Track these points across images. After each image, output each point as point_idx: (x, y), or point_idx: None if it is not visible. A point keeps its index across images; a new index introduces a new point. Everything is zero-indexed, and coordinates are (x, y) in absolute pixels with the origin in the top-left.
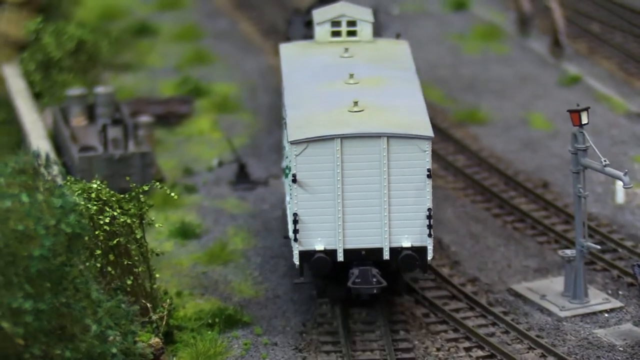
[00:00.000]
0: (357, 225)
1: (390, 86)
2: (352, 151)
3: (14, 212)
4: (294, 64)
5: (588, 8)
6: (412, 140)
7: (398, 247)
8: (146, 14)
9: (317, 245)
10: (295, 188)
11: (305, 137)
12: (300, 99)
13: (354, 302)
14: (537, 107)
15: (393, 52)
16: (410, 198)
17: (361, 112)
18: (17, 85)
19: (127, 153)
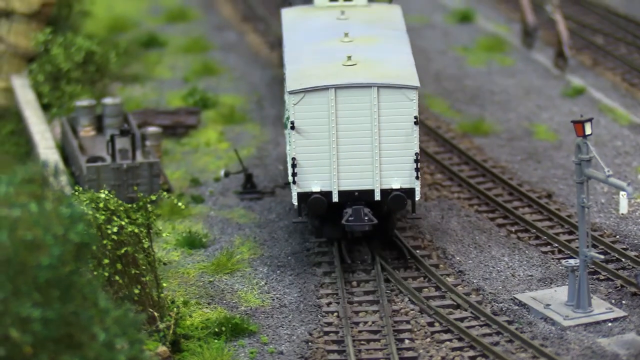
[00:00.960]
0: (350, 169)
1: (381, 44)
2: (345, 100)
3: (23, 221)
4: (294, 26)
5: (592, 20)
6: (400, 90)
7: (388, 188)
8: (154, 26)
9: (314, 187)
10: (294, 134)
11: (302, 87)
12: (298, 55)
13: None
14: (541, 118)
15: (386, 14)
16: (399, 143)
17: (354, 66)
18: (26, 96)
19: (135, 163)
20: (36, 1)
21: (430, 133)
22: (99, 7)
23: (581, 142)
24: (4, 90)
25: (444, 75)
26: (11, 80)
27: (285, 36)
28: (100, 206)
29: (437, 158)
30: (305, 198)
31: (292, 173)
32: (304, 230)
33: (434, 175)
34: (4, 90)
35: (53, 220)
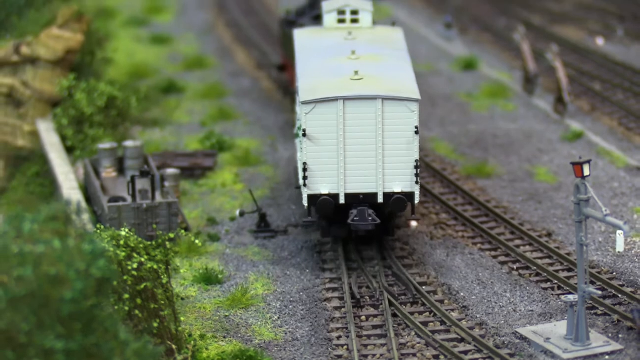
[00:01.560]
0: (356, 173)
1: (385, 61)
2: (352, 111)
3: (47, 257)
4: (306, 44)
5: (590, 67)
6: (403, 102)
7: (390, 192)
8: (173, 73)
9: (323, 189)
10: (305, 141)
11: (314, 98)
12: (310, 70)
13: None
14: (541, 161)
15: (389, 36)
16: (401, 151)
17: (361, 80)
18: (51, 139)
19: (154, 203)
20: (60, 49)
21: (436, 175)
22: (120, 54)
23: (580, 182)
24: (29, 134)
25: (449, 120)
26: (37, 124)
27: (298, 53)
28: (121, 243)
29: (442, 199)
30: (314, 199)
31: (303, 177)
32: (315, 267)
33: (439, 215)
34: (30, 133)
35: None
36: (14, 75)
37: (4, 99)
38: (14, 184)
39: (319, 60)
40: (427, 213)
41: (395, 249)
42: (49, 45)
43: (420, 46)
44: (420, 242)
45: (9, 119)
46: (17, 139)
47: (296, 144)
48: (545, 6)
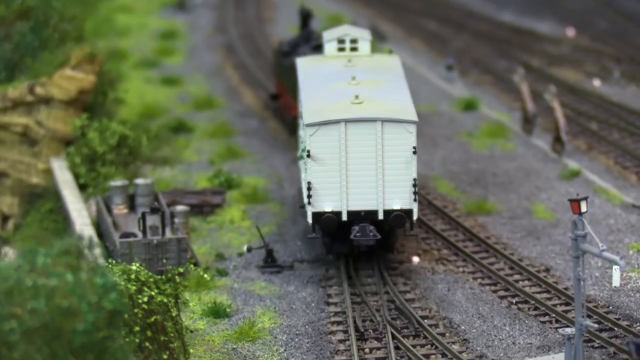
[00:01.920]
0: (357, 191)
1: (383, 86)
2: (353, 132)
3: (60, 290)
4: (308, 71)
5: (587, 108)
6: (401, 124)
7: (390, 209)
8: (183, 113)
9: (326, 207)
10: (309, 161)
11: (317, 121)
12: (313, 95)
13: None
14: (540, 198)
15: (387, 63)
16: (400, 170)
17: (361, 104)
18: (64, 177)
19: (164, 239)
20: (73, 89)
21: (438, 212)
22: (131, 95)
23: (577, 219)
24: (43, 172)
25: (450, 159)
26: (50, 162)
27: (301, 79)
28: (132, 277)
29: (443, 235)
30: (318, 217)
31: (308, 195)
32: (320, 301)
33: (440, 251)
34: (44, 171)
35: (88, 289)
36: (28, 115)
37: (19, 138)
38: (28, 220)
39: (321, 86)
40: (428, 249)
41: (397, 283)
42: (62, 86)
43: (423, 87)
44: (422, 276)
45: (24, 157)
46: (31, 177)
47: (299, 165)
48: (544, 49)
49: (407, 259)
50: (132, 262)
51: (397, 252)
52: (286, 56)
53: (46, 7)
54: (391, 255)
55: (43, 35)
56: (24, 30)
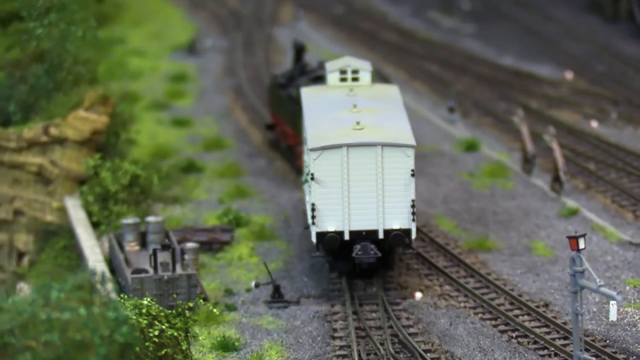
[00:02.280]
0: (359, 212)
1: (383, 113)
2: (355, 156)
3: (73, 323)
4: (312, 100)
5: (585, 148)
6: (400, 148)
7: (390, 229)
8: (193, 153)
9: (329, 227)
10: (313, 184)
11: (321, 146)
12: (316, 121)
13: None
14: (539, 236)
15: (386, 92)
16: (399, 192)
17: (362, 130)
18: (77, 215)
19: (175, 275)
20: (87, 130)
21: (440, 249)
22: (143, 135)
23: (576, 255)
24: (57, 210)
25: (452, 198)
26: (64, 200)
27: (305, 108)
28: (143, 312)
29: (445, 271)
30: (322, 236)
31: (312, 216)
32: (326, 335)
33: (442, 287)
34: (58, 209)
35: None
36: (43, 155)
37: (34, 177)
38: (43, 257)
39: (324, 114)
40: (431, 285)
41: (401, 318)
42: (76, 127)
43: (425, 128)
44: (425, 311)
45: (39, 195)
46: (46, 215)
47: (304, 189)
48: (543, 91)
49: (411, 294)
50: (143, 297)
51: (401, 287)
52: (282, 88)
53: (60, 50)
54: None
55: (57, 77)
56: (39, 73)
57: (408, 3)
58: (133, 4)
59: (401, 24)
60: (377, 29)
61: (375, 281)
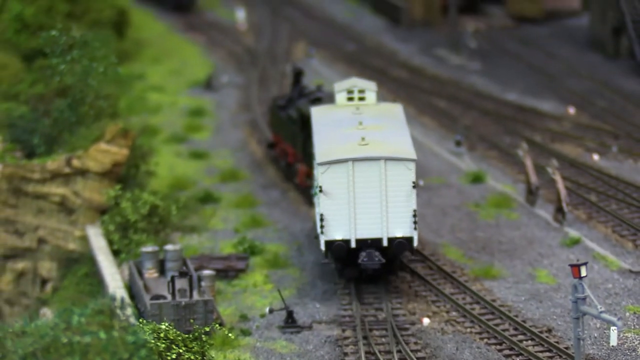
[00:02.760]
0: (364, 222)
1: (386, 130)
2: (360, 169)
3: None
4: (321, 118)
5: (587, 180)
6: (402, 162)
7: (393, 237)
8: (210, 185)
9: (337, 236)
10: (321, 196)
11: (328, 160)
12: (324, 138)
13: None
14: (542, 264)
15: (391, 110)
16: (401, 202)
17: (367, 145)
18: (99, 243)
19: (192, 301)
20: (108, 162)
21: (447, 277)
22: (162, 167)
23: (578, 283)
24: (80, 238)
25: (458, 228)
26: (86, 229)
27: (315, 126)
28: (161, 336)
29: (452, 298)
30: (330, 245)
31: (320, 225)
32: (337, 359)
33: (449, 313)
34: (80, 238)
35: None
36: (66, 186)
37: (57, 207)
38: (66, 283)
39: (331, 131)
40: (438, 311)
41: (409, 342)
42: (97, 159)
43: (433, 161)
44: (432, 336)
45: (62, 224)
46: (68, 243)
47: (314, 201)
48: (546, 126)
49: (419, 320)
50: (161, 322)
51: (409, 313)
52: (282, 109)
53: (83, 85)
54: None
55: (80, 111)
56: (62, 107)
57: (417, 41)
58: (153, 42)
59: (411, 62)
60: (388, 65)
61: (385, 307)
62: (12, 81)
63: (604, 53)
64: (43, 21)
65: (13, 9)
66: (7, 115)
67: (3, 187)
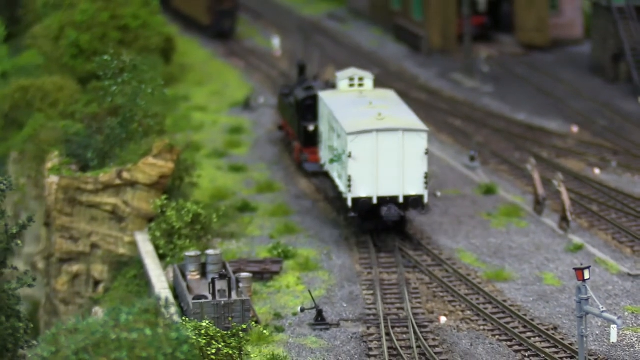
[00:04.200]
0: (385, 182)
1: (393, 108)
2: (383, 139)
3: (139, 343)
4: (333, 100)
5: (589, 192)
6: (417, 132)
7: (408, 194)
8: (247, 195)
9: (362, 193)
10: (350, 160)
11: (357, 130)
12: (346, 114)
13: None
14: (549, 268)
15: (387, 94)
16: (415, 166)
17: (384, 119)
18: (146, 248)
19: (231, 300)
20: (155, 174)
21: (462, 279)
22: (204, 180)
23: (581, 285)
24: (129, 244)
25: (472, 235)
26: (135, 235)
27: (330, 105)
28: (202, 333)
29: (467, 298)
30: (356, 201)
31: (348, 185)
32: (362, 354)
33: (464, 312)
34: (129, 243)
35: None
36: (116, 196)
37: (109, 215)
38: (116, 285)
39: (348, 109)
40: (454, 310)
41: (428, 339)
42: (145, 172)
43: (449, 174)
44: (449, 333)
45: (112, 231)
46: (118, 248)
47: (329, 168)
48: (552, 142)
49: (436, 318)
50: (202, 320)
51: (428, 312)
52: (285, 97)
53: (132, 105)
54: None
55: (130, 129)
56: (114, 125)
57: (435, 67)
58: (196, 67)
59: (429, 85)
60: (409, 88)
61: (406, 306)
62: (68, 101)
63: (605, 77)
64: (97, 47)
65: (70, 36)
66: (64, 132)
67: (60, 197)
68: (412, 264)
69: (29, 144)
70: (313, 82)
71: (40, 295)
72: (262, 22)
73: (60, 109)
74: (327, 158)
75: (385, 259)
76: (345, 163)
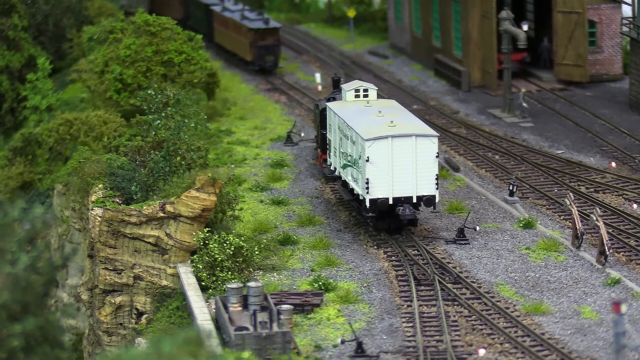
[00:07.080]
0: (399, 184)
1: (401, 116)
2: (397, 144)
3: None
4: (342, 109)
5: (627, 226)
6: (428, 138)
7: (421, 195)
8: (289, 228)
9: (379, 195)
10: (368, 164)
11: (374, 137)
12: (359, 122)
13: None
14: (586, 302)
15: (391, 104)
16: (427, 169)
17: (396, 126)
18: (189, 280)
19: (272, 332)
20: (198, 207)
21: (501, 312)
22: (246, 213)
23: (618, 318)
24: (172, 275)
25: (511, 268)
26: (177, 267)
27: (341, 115)
28: None
29: (505, 331)
30: (374, 202)
31: (366, 187)
32: None
33: (503, 345)
34: (172, 275)
35: None
36: (159, 228)
37: (152, 247)
38: (159, 316)
39: (360, 117)
40: (493, 342)
41: None
42: (188, 205)
43: (489, 209)
44: None
45: (155, 263)
46: (161, 280)
47: (345, 172)
48: (590, 177)
49: (475, 351)
50: (244, 351)
51: (467, 345)
52: (316, 108)
53: (176, 139)
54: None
55: (173, 162)
56: (157, 158)
57: (475, 102)
58: (239, 102)
59: (469, 120)
60: (449, 123)
61: (445, 339)
62: (112, 135)
63: None
64: (141, 81)
65: (114, 71)
66: (108, 165)
67: (104, 230)
68: (451, 297)
69: (74, 176)
70: (337, 94)
71: (84, 326)
72: (304, 57)
73: (104, 142)
74: (336, 164)
75: (425, 291)
76: (363, 167)
